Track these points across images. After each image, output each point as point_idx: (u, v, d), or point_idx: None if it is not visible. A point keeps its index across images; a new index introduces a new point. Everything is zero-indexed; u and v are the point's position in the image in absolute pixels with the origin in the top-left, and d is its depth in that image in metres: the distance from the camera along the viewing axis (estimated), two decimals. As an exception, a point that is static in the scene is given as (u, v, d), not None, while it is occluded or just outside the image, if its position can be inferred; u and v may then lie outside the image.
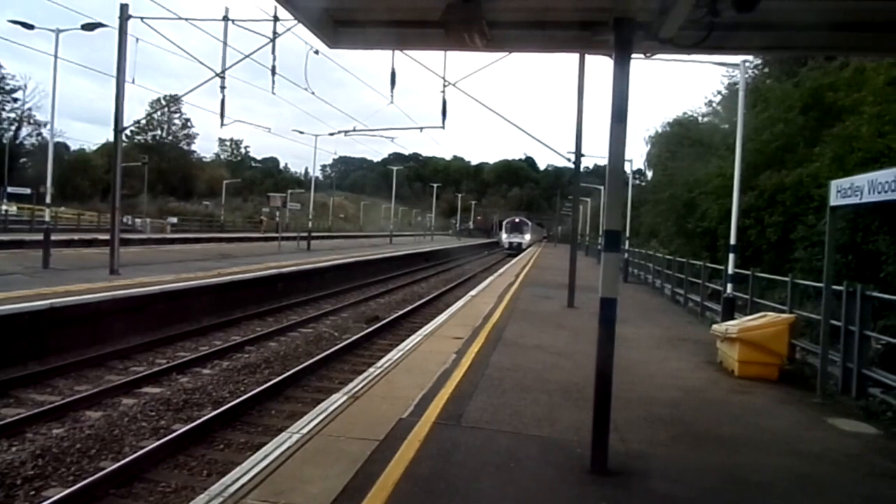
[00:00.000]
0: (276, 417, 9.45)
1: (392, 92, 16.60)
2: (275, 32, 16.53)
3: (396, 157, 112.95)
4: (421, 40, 5.93)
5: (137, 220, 50.41)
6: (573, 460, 5.20)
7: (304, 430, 5.51)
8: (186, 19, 16.49)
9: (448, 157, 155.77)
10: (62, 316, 12.14)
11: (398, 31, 5.76)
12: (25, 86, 58.32)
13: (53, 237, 31.90)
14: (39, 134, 64.61)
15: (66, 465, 7.25)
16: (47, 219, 18.83)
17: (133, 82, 17.14)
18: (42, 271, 17.12)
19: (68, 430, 8.25)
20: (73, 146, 72.76)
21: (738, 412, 7.26)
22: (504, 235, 70.63)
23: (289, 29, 16.08)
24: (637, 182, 52.56)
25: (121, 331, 13.37)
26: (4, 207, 37.45)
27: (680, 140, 30.42)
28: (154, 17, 16.86)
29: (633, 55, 5.48)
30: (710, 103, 29.49)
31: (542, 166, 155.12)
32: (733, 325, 9.42)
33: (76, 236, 34.59)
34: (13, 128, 59.11)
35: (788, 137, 18.07)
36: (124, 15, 16.98)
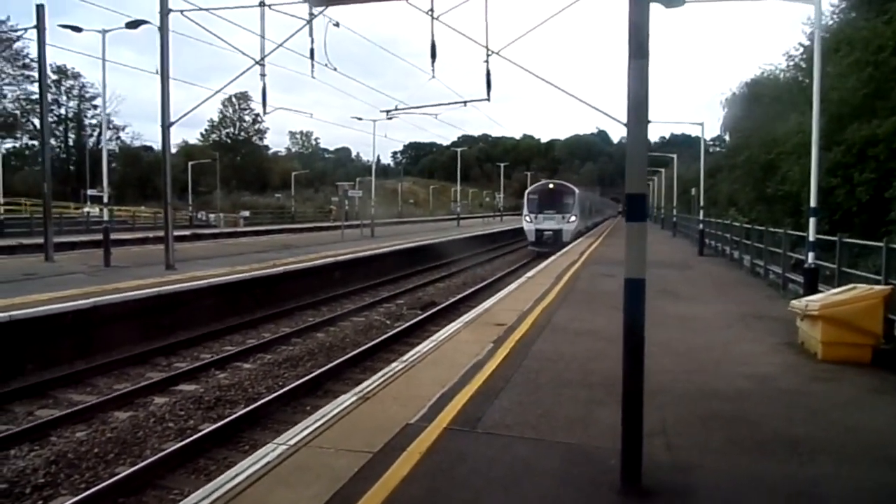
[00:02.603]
0: (310, 414, 8.95)
1: (433, 66, 15.83)
2: (311, 14, 15.95)
3: (465, 139, 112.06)
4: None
5: (211, 216, 52.00)
6: (602, 475, 4.31)
7: (293, 441, 4.86)
8: (222, 9, 16.20)
9: (518, 135, 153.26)
10: (108, 314, 12.11)
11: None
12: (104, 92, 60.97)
13: (128, 235, 33.37)
14: (118, 138, 67.79)
15: (81, 472, 6.96)
16: (105, 218, 19.21)
17: (169, 79, 17.03)
18: (103, 269, 17.43)
19: (91, 432, 8.01)
20: (157, 147, 75.67)
21: (819, 406, 6.09)
22: (527, 217, 34.71)
23: (322, 11, 15.46)
24: (717, 148, 49.61)
25: (168, 326, 13.29)
26: (87, 209, 39.20)
27: (758, 98, 27.99)
28: (193, 10, 16.56)
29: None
30: (790, 57, 26.88)
31: (615, 139, 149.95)
32: (815, 301, 8.12)
33: (151, 234, 35.77)
34: (95, 133, 62.12)
35: (879, 82, 15.88)
36: (164, 10, 16.88)
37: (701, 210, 25.58)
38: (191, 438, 7.77)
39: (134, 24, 17.39)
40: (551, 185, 36.49)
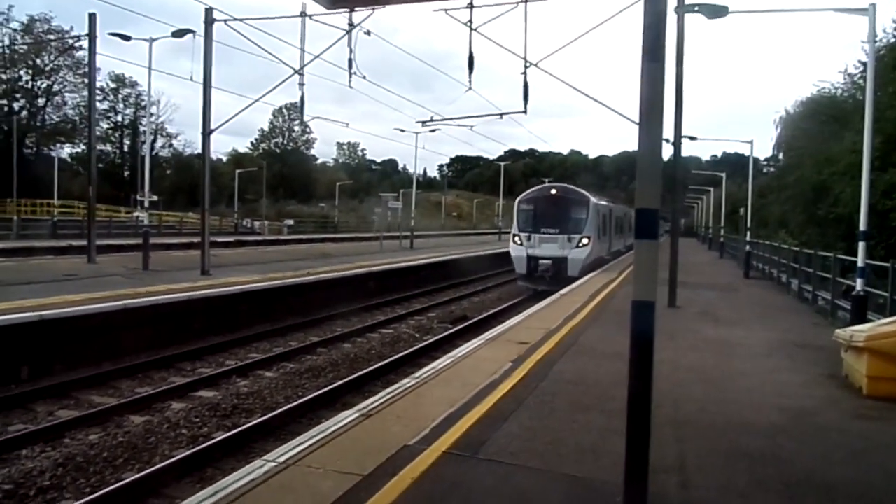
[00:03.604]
0: (324, 427, 8.78)
1: (470, 77, 15.69)
2: (350, 24, 16.00)
3: (512, 154, 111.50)
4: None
5: (256, 223, 52.94)
6: (605, 514, 3.95)
7: (283, 458, 4.65)
8: (264, 19, 16.40)
9: (565, 151, 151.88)
10: (137, 316, 12.22)
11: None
12: (159, 101, 63.11)
13: (174, 240, 34.17)
14: (171, 145, 69.88)
15: (88, 475, 6.91)
16: (146, 222, 19.63)
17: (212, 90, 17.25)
18: (141, 273, 17.74)
19: (104, 435, 7.99)
20: (213, 156, 77.72)
21: (861, 447, 5.57)
22: (517, 238, 23.44)
23: (364, 19, 15.50)
24: (771, 168, 48.01)
25: (197, 331, 13.36)
26: (136, 213, 40.30)
27: (813, 117, 26.88)
28: (237, 19, 16.83)
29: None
30: (849, 75, 25.70)
31: (665, 156, 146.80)
32: (861, 331, 7.54)
33: (196, 239, 36.47)
34: (150, 140, 64.00)
35: (941, 101, 15.03)
36: (209, 19, 17.21)
37: (748, 231, 24.65)
38: (201, 446, 7.67)
39: (180, 34, 17.79)
40: (553, 191, 24.16)
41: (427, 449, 4.87)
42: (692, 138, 28.21)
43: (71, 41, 48.14)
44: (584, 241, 22.64)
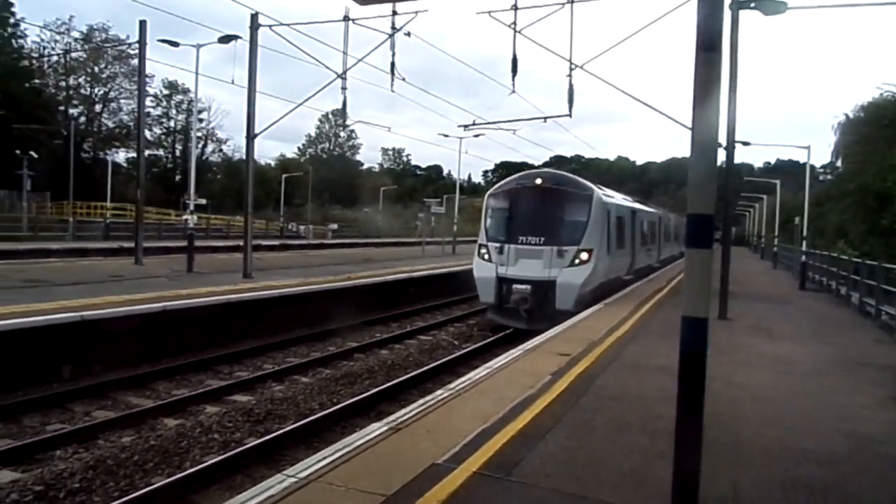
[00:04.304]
0: (357, 435, 8.58)
1: (513, 80, 15.38)
2: (393, 27, 15.92)
3: (557, 160, 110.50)
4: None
5: (301, 227, 53.61)
6: (648, 550, 3.59)
7: (305, 473, 4.42)
8: (307, 24, 16.46)
9: (612, 157, 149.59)
10: (177, 318, 12.28)
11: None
12: (210, 107, 64.66)
13: (221, 243, 34.72)
14: (220, 150, 71.50)
15: (117, 479, 6.84)
16: (191, 225, 19.94)
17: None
18: (184, 275, 17.95)
19: (137, 438, 7.96)
20: (261, 161, 79.38)
21: (936, 481, 5.04)
22: (483, 251, 16.22)
23: (406, 23, 15.41)
24: (828, 176, 46.19)
25: (237, 334, 13.38)
26: (185, 216, 41.24)
27: (875, 122, 25.63)
28: (282, 24, 16.94)
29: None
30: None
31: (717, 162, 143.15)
32: (934, 351, 6.93)
33: (241, 242, 37.05)
34: (200, 145, 65.59)
35: None
36: (254, 24, 17.35)
37: (804, 240, 23.58)
38: (231, 453, 7.56)
39: (226, 39, 18.01)
40: (539, 180, 16.46)
41: (456, 468, 4.58)
42: (745, 144, 27.21)
43: (123, 48, 49.58)
44: (584, 255, 15.50)
